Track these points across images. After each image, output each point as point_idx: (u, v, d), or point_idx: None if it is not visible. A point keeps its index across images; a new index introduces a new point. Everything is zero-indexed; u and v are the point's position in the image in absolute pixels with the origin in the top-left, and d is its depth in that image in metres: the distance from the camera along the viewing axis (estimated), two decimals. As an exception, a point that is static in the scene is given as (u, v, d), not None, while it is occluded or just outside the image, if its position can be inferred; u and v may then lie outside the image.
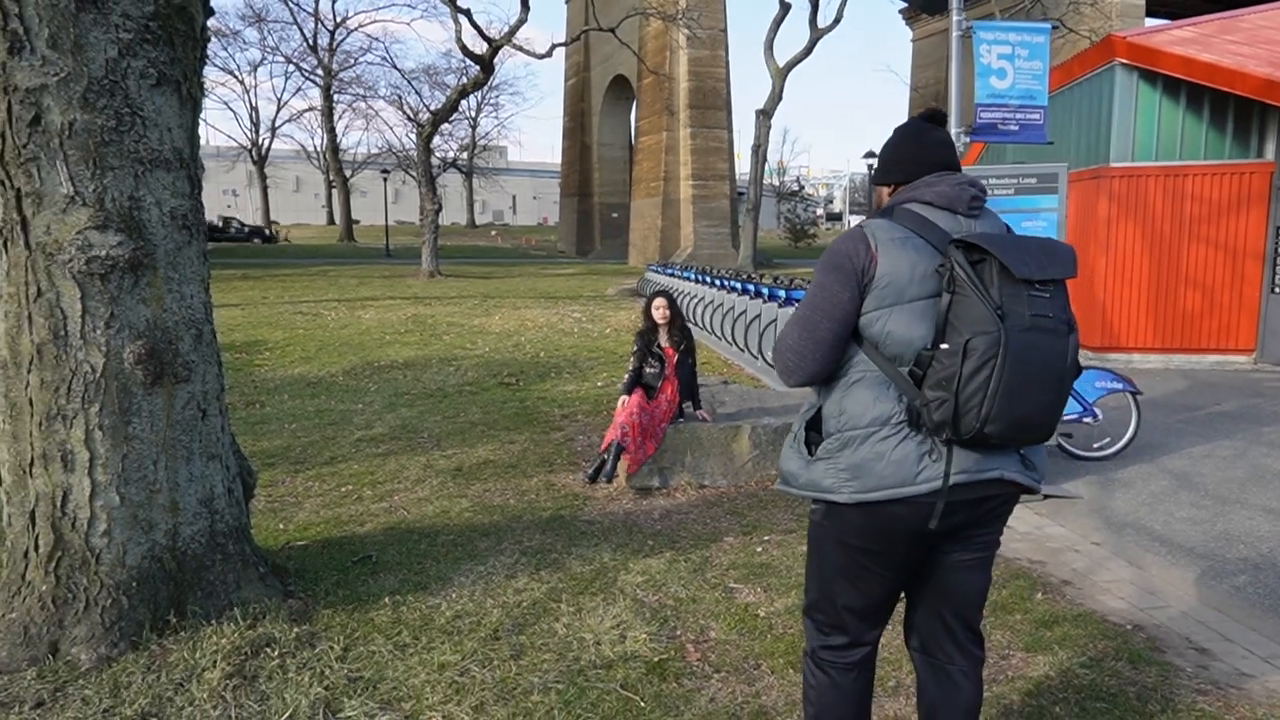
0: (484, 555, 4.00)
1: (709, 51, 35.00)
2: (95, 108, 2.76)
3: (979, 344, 1.75)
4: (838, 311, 1.93)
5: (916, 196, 2.00)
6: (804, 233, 54.35)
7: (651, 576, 3.80)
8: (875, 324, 1.91)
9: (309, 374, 9.39)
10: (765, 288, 10.65)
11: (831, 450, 1.95)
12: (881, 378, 1.92)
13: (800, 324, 1.98)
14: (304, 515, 4.67)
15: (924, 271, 1.88)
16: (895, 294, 1.89)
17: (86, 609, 2.81)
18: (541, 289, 22.70)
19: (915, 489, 1.88)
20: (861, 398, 1.93)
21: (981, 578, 2.06)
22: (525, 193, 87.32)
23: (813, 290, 2.00)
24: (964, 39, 5.20)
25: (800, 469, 2.02)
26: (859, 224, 2.01)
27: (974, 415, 1.77)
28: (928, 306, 1.88)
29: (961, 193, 1.98)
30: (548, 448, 6.17)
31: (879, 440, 1.90)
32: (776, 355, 2.03)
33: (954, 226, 1.95)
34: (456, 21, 24.28)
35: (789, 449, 2.08)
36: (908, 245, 1.91)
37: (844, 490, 1.93)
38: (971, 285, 1.79)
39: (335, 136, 49.40)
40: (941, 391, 1.80)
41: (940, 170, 2.04)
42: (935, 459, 1.88)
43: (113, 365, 2.82)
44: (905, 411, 1.89)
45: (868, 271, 1.91)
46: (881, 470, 1.89)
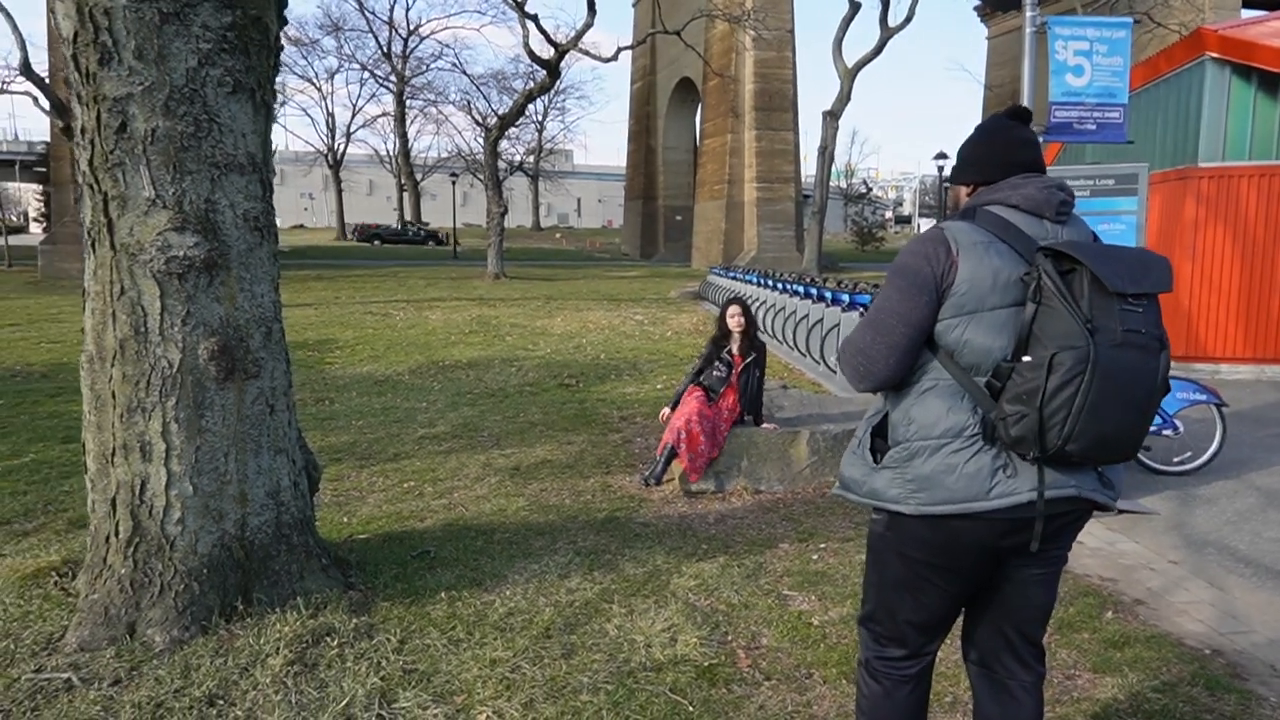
0: (539, 554, 4.04)
1: (775, 53, 34.72)
2: (176, 115, 2.88)
3: (1066, 359, 1.68)
4: (912, 316, 1.87)
5: (1001, 199, 1.93)
6: (871, 236, 53.43)
7: (704, 580, 3.79)
8: (952, 331, 1.85)
9: (377, 372, 9.64)
10: (829, 292, 10.51)
11: (898, 459, 1.90)
12: (955, 387, 1.86)
13: (871, 326, 1.93)
14: (367, 509, 4.79)
15: (1007, 279, 1.82)
16: (975, 301, 1.82)
17: (161, 593, 2.94)
18: (604, 291, 22.84)
19: (987, 504, 1.82)
20: (933, 407, 1.87)
21: (1048, 593, 2.00)
22: (590, 196, 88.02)
23: (886, 292, 1.94)
24: (1038, 35, 5.04)
25: (863, 476, 1.98)
26: (938, 225, 1.94)
27: (1056, 433, 1.71)
28: (1009, 316, 1.81)
29: (1050, 197, 1.90)
30: (605, 449, 6.20)
31: (951, 452, 1.84)
32: (843, 357, 1.99)
33: (1040, 233, 1.88)
34: (524, 27, 24.61)
35: (852, 454, 2.04)
36: (991, 250, 1.84)
37: (910, 502, 1.89)
38: (1060, 297, 1.72)
39: (407, 141, 50.72)
40: (1021, 406, 1.73)
41: (1025, 171, 1.96)
42: (1010, 474, 1.82)
43: (188, 361, 2.95)
44: (980, 424, 1.83)
45: (947, 276, 1.85)
46: (952, 483, 1.83)
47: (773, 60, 34.90)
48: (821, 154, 31.31)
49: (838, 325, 9.58)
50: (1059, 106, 4.87)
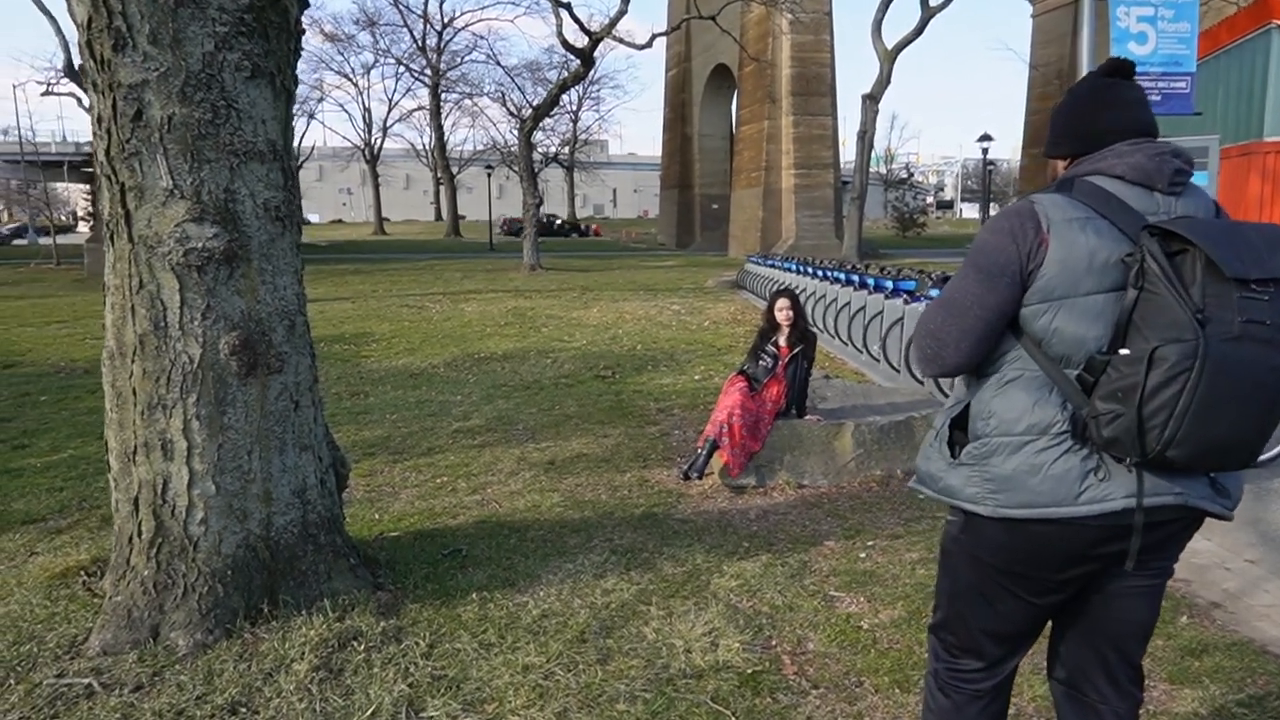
0: (573, 552, 3.90)
1: (813, 36, 34.12)
2: (193, 101, 2.78)
3: (1170, 353, 1.48)
4: (992, 299, 1.68)
5: (1103, 168, 1.71)
6: (912, 222, 52.43)
7: (746, 581, 3.62)
8: (1040, 318, 1.65)
9: (412, 365, 9.60)
10: (872, 278, 10.22)
11: (977, 455, 1.72)
12: (1042, 379, 1.67)
13: (946, 307, 1.75)
14: (399, 506, 4.70)
15: (1105, 260, 1.61)
16: (1067, 285, 1.62)
17: (185, 595, 2.86)
18: (640, 281, 22.68)
19: (1073, 510, 1.63)
20: (1017, 400, 1.69)
21: (1150, 608, 1.79)
22: (625, 186, 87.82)
23: (964, 270, 1.75)
24: (1098, 2, 4.74)
25: (940, 471, 1.80)
26: (1027, 198, 1.74)
27: (1155, 436, 1.50)
28: (1106, 302, 1.61)
29: (1162, 165, 1.67)
30: (642, 442, 6.05)
31: (1036, 451, 1.65)
32: (915, 339, 1.81)
33: (1150, 206, 1.66)
34: (557, 16, 24.47)
35: (929, 447, 1.86)
36: (1088, 228, 1.63)
37: (987, 502, 1.71)
38: (1165, 282, 1.51)
39: (442, 134, 50.95)
40: (1116, 404, 1.54)
41: (1132, 136, 1.72)
42: (1102, 478, 1.62)
43: (209, 356, 2.85)
44: (1069, 421, 1.64)
45: (1035, 255, 1.65)
46: (1035, 485, 1.65)
47: (810, 44, 34.30)
48: (861, 139, 30.74)
49: (881, 313, 9.30)
50: (1120, 77, 4.56)
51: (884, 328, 8.99)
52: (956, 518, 1.82)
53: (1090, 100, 1.78)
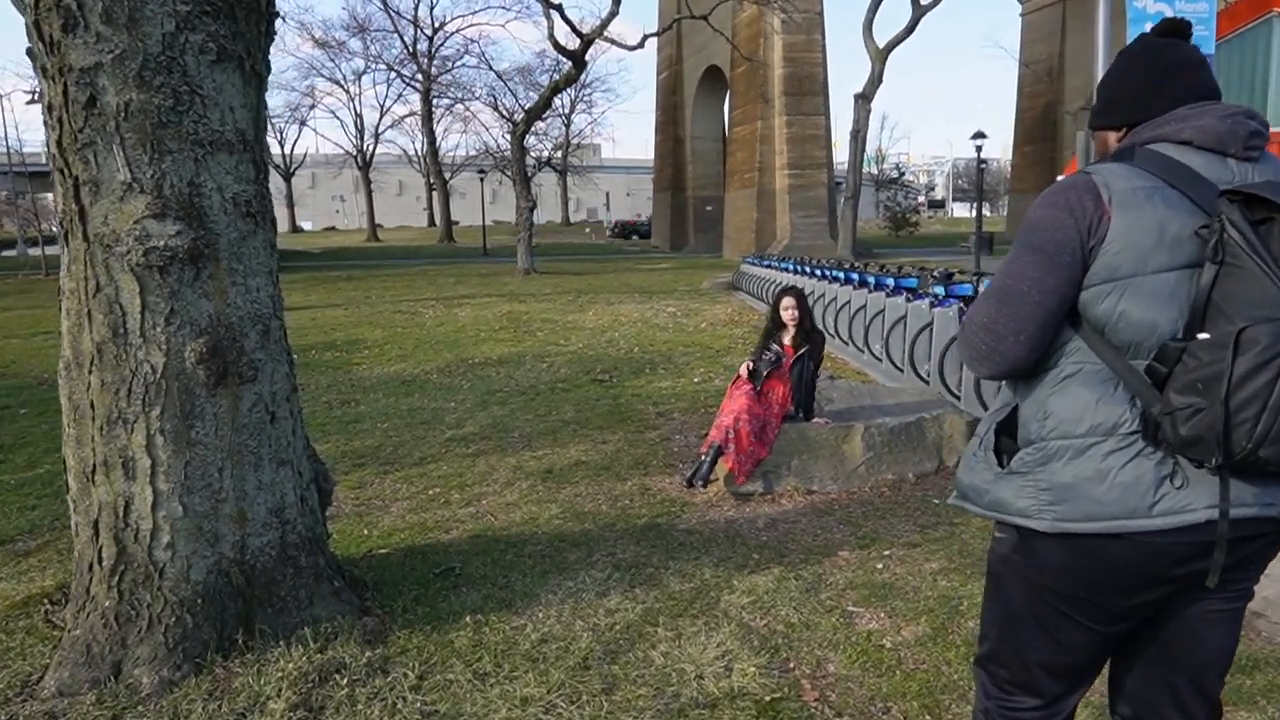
0: (574, 569, 3.67)
1: (804, 36, 33.98)
2: (152, 86, 2.54)
3: (1261, 335, 1.27)
4: (1050, 281, 1.47)
5: (1167, 134, 1.50)
6: (905, 221, 52.48)
7: (759, 597, 3.39)
8: (1102, 301, 1.44)
9: (404, 372, 9.36)
10: (872, 277, 10.01)
11: (1031, 463, 1.51)
12: (1105, 373, 1.46)
13: (999, 297, 1.53)
14: (389, 520, 4.46)
15: (1177, 234, 1.40)
16: (1134, 263, 1.41)
17: (150, 628, 2.61)
18: (635, 284, 22.46)
19: (1148, 523, 1.41)
20: (1078, 398, 1.47)
21: (1231, 634, 1.58)
22: (619, 189, 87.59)
23: (1015, 253, 1.54)
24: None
25: (987, 483, 1.58)
26: (1084, 170, 1.52)
27: (1246, 432, 1.29)
28: (1179, 281, 1.40)
29: (1236, 127, 1.46)
30: (642, 448, 5.82)
31: (1103, 455, 1.44)
32: (963, 338, 1.60)
33: (1223, 175, 1.45)
34: (548, 18, 24.30)
35: (973, 457, 1.64)
36: (1155, 199, 1.42)
37: (1044, 515, 1.49)
38: (1251, 253, 1.30)
39: (435, 140, 50.60)
40: (1195, 397, 1.32)
41: (1195, 100, 1.52)
42: (1179, 485, 1.41)
43: (173, 365, 2.61)
44: (1139, 419, 1.42)
45: (1095, 231, 1.44)
46: (1101, 494, 1.43)
47: (802, 43, 34.16)
48: (854, 138, 30.63)
49: (883, 311, 9.09)
50: (1139, 59, 4.36)
51: (886, 326, 8.78)
52: (1007, 535, 1.60)
53: (1148, 62, 1.57)
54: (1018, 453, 1.55)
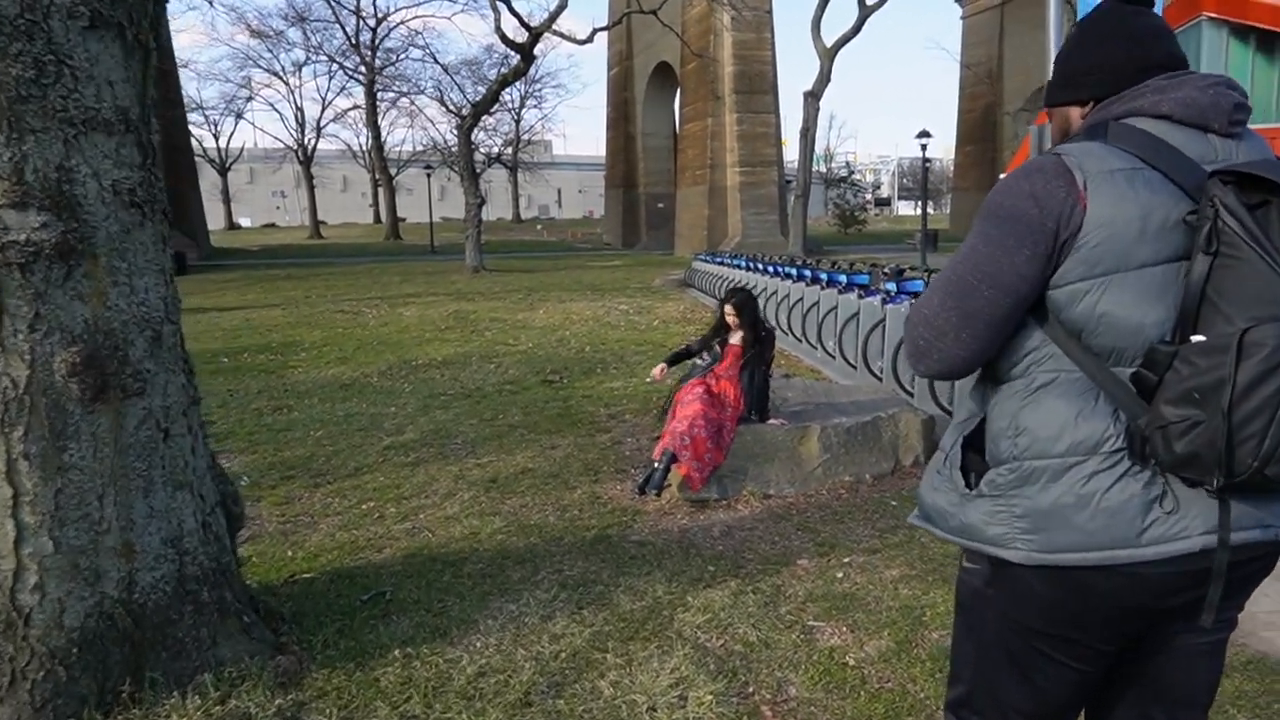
0: (516, 589, 3.39)
1: (754, 34, 34.01)
2: (8, 55, 2.19)
3: (1268, 336, 1.09)
4: (1007, 276, 1.27)
5: (1142, 108, 1.30)
6: (854, 219, 53.10)
7: (715, 614, 3.15)
8: (1079, 302, 1.24)
9: (343, 375, 8.94)
10: (824, 273, 9.90)
11: (1003, 486, 1.31)
12: (1085, 383, 1.26)
13: (946, 288, 1.33)
14: (317, 538, 4.12)
15: (1162, 222, 1.21)
16: (1116, 255, 1.22)
17: (13, 685, 2.25)
18: (587, 282, 22.16)
19: (1137, 553, 1.23)
20: (1054, 412, 1.27)
21: (1215, 667, 1.41)
22: (570, 186, 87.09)
23: (971, 241, 1.33)
24: None
25: (953, 505, 1.38)
26: (1054, 149, 1.31)
27: (1252, 448, 1.11)
28: (1167, 276, 1.21)
29: (1219, 98, 1.27)
30: (593, 453, 5.55)
31: (1084, 478, 1.24)
32: (906, 328, 1.39)
33: (1206, 153, 1.26)
34: (495, 11, 23.85)
35: (936, 475, 1.43)
36: (1136, 182, 1.22)
37: (1019, 546, 1.29)
38: (1250, 242, 1.12)
39: (380, 134, 49.52)
40: (1192, 409, 1.13)
41: (1169, 72, 1.33)
42: (1169, 509, 1.22)
43: (40, 378, 2.27)
44: (1124, 435, 1.23)
45: (1069, 220, 1.23)
46: (1084, 522, 1.24)
47: (751, 41, 34.18)
48: (803, 136, 30.77)
49: (835, 308, 8.96)
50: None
51: (839, 323, 8.65)
52: (978, 565, 1.40)
53: (1117, 28, 1.37)
54: (988, 472, 1.35)
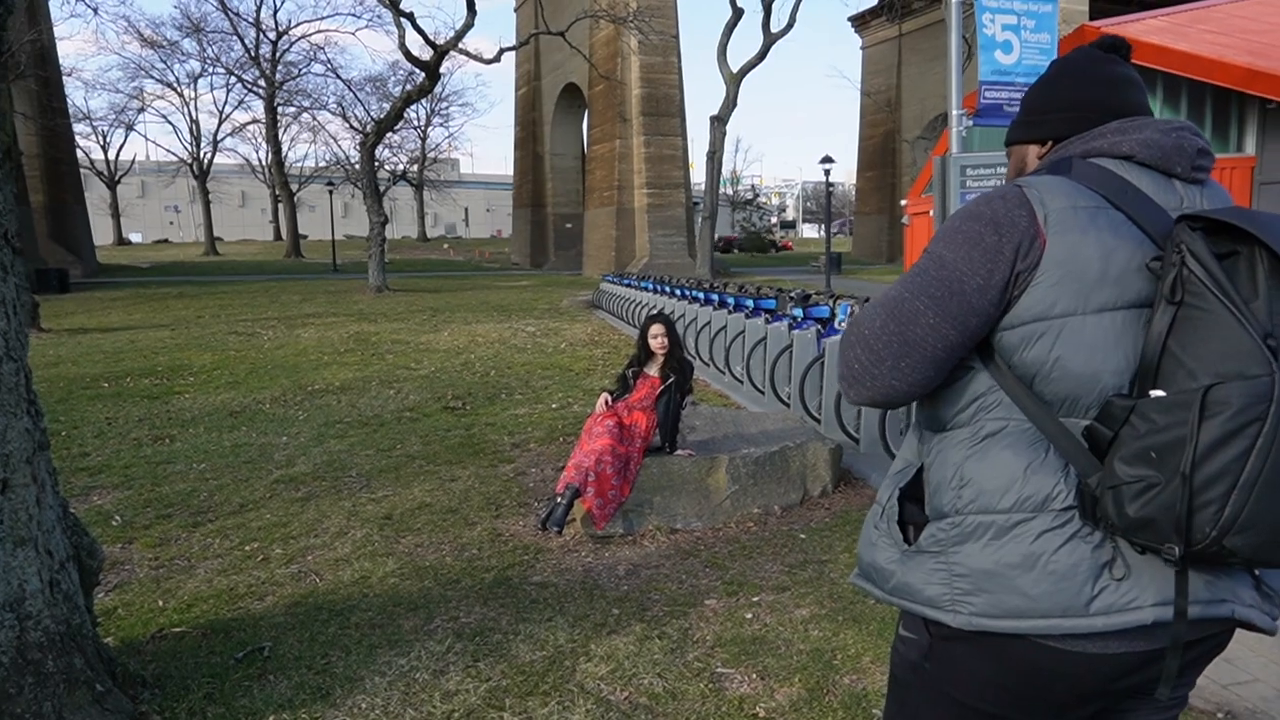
0: (408, 641, 3.19)
1: (661, 58, 34.47)
2: None
3: (1232, 395, 1.03)
4: (955, 305, 1.19)
5: (1103, 147, 1.27)
6: (760, 241, 54.31)
7: (619, 663, 3.03)
8: (1032, 346, 1.18)
9: (233, 401, 8.45)
10: (732, 297, 9.98)
11: (944, 541, 1.23)
12: (1035, 433, 1.19)
13: (888, 310, 1.24)
14: (193, 585, 3.81)
15: (1124, 265, 1.16)
16: (1073, 299, 1.16)
17: None
18: (494, 302, 21.82)
19: (1084, 623, 1.14)
20: (1002, 463, 1.20)
21: None
22: (478, 205, 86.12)
23: (921, 265, 1.25)
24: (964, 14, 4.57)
25: (891, 563, 1.29)
26: (1014, 182, 1.26)
27: (1210, 516, 1.04)
28: (1126, 323, 1.16)
29: (1182, 142, 1.24)
30: (495, 485, 5.37)
31: (1031, 537, 1.16)
32: (842, 348, 1.30)
33: (1170, 199, 1.23)
34: (399, 26, 23.40)
35: (874, 529, 1.35)
36: (1099, 221, 1.17)
37: (958, 609, 1.21)
38: (1217, 294, 1.06)
39: (280, 149, 47.78)
40: (1147, 469, 1.07)
41: (1131, 117, 1.31)
42: (1120, 576, 1.14)
43: None
44: (1075, 493, 1.16)
45: (1026, 253, 1.18)
46: (1029, 586, 1.16)
47: (658, 65, 34.62)
48: (710, 159, 31.26)
49: (743, 333, 9.04)
50: (989, 86, 4.39)
51: (746, 348, 8.72)
52: (916, 636, 1.31)
53: (1088, 72, 1.36)
54: (928, 526, 1.26)
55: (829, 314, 7.34)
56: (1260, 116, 9.28)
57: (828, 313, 7.38)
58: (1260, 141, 9.34)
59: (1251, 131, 9.40)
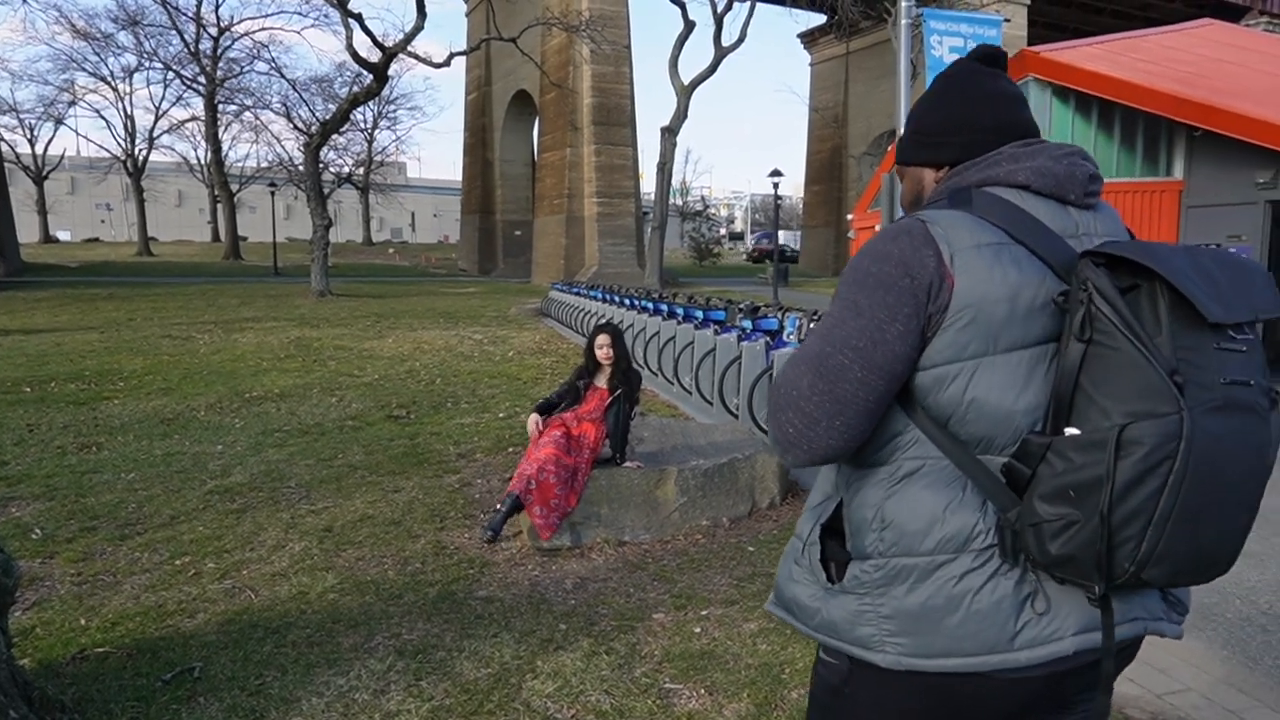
0: (347, 659, 3.08)
1: (613, 68, 34.56)
2: None
3: (1145, 434, 1.04)
4: (880, 355, 1.18)
5: (998, 176, 1.27)
6: (709, 252, 54.74)
7: (566, 680, 2.98)
8: (946, 386, 1.18)
9: (165, 409, 8.15)
10: (681, 308, 10.01)
11: (869, 584, 1.22)
12: (953, 471, 1.19)
13: (814, 368, 1.22)
14: (118, 602, 3.64)
15: (1030, 301, 1.16)
16: (984, 338, 1.16)
17: None
18: (440, 309, 21.53)
19: (1009, 658, 1.16)
20: (921, 504, 1.19)
21: None
22: (425, 210, 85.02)
23: (838, 314, 1.23)
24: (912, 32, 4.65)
25: (814, 600, 1.28)
26: (914, 216, 1.25)
27: (1129, 553, 1.07)
28: (1036, 360, 1.17)
29: (1073, 169, 1.25)
30: (439, 496, 5.26)
31: (955, 578, 1.17)
32: (771, 414, 1.27)
33: (1067, 226, 1.24)
34: (347, 26, 22.99)
35: (793, 564, 1.33)
36: (1004, 258, 1.18)
37: (887, 649, 1.21)
38: (1125, 332, 1.07)
39: (220, 148, 46.47)
40: (1067, 508, 1.08)
41: (1021, 139, 1.31)
42: (1041, 610, 1.16)
43: None
44: (995, 530, 1.17)
45: (936, 295, 1.17)
46: (954, 626, 1.17)
47: (610, 75, 34.70)
48: (660, 170, 31.41)
49: (692, 343, 9.06)
50: (936, 106, 4.47)
51: (695, 359, 8.74)
52: (837, 661, 1.31)
53: (974, 92, 1.35)
54: (852, 565, 1.26)
55: (778, 326, 7.40)
56: (1188, 143, 9.67)
57: (776, 325, 7.44)
58: (1188, 166, 9.73)
59: (1180, 157, 9.80)
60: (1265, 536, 4.69)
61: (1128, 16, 39.15)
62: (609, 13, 33.17)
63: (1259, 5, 38.54)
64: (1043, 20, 39.23)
